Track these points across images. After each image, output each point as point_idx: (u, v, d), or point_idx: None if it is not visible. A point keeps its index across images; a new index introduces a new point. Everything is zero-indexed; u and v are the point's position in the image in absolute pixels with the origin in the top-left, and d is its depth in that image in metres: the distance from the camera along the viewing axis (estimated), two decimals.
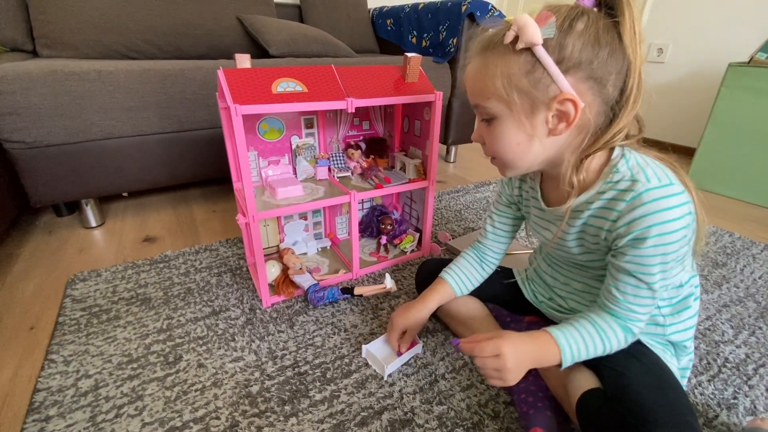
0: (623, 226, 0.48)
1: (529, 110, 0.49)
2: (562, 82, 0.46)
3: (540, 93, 0.47)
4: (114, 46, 1.39)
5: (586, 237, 0.55)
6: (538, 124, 0.49)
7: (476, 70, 0.52)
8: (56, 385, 0.66)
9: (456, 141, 1.77)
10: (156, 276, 0.96)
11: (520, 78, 0.47)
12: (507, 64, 0.48)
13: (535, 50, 0.46)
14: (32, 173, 1.03)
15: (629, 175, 0.49)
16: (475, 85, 0.52)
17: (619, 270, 0.51)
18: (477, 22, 1.50)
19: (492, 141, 0.54)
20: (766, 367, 0.73)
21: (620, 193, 0.49)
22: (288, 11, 1.88)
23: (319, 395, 0.66)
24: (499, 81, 0.48)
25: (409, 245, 1.05)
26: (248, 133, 0.89)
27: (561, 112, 0.48)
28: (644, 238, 0.47)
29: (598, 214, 0.52)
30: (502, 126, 0.51)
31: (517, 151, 0.52)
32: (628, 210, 0.48)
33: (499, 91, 0.49)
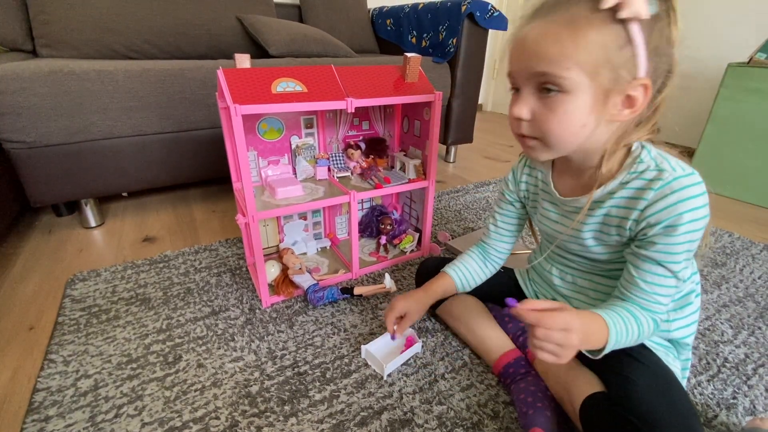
0: (654, 215, 0.48)
1: (609, 90, 0.45)
2: (644, 66, 0.44)
3: (625, 72, 0.44)
4: (114, 46, 1.39)
5: (605, 229, 0.54)
6: (609, 107, 0.46)
7: (555, 31, 0.44)
8: (56, 385, 0.66)
9: (456, 141, 1.77)
10: (155, 276, 0.96)
11: (614, 52, 0.43)
12: (601, 32, 0.43)
13: (631, 25, 0.42)
14: (32, 173, 1.03)
15: (654, 165, 0.49)
16: (550, 48, 0.45)
17: (645, 260, 0.50)
18: (477, 22, 1.50)
19: (550, 118, 0.48)
20: (766, 367, 0.73)
21: (648, 182, 0.48)
22: (288, 11, 1.88)
23: (318, 395, 0.66)
24: (589, 52, 0.43)
25: (408, 245, 1.05)
26: (248, 133, 0.89)
27: (631, 97, 0.46)
28: (676, 226, 0.46)
29: (622, 204, 0.51)
30: (573, 103, 0.46)
31: (578, 134, 0.48)
32: (658, 198, 0.47)
33: (587, 63, 0.44)
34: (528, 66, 0.47)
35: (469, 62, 1.61)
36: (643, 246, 0.50)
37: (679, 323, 0.58)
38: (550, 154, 0.52)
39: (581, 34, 0.43)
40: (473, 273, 0.73)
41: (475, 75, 1.67)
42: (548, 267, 0.68)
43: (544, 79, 0.46)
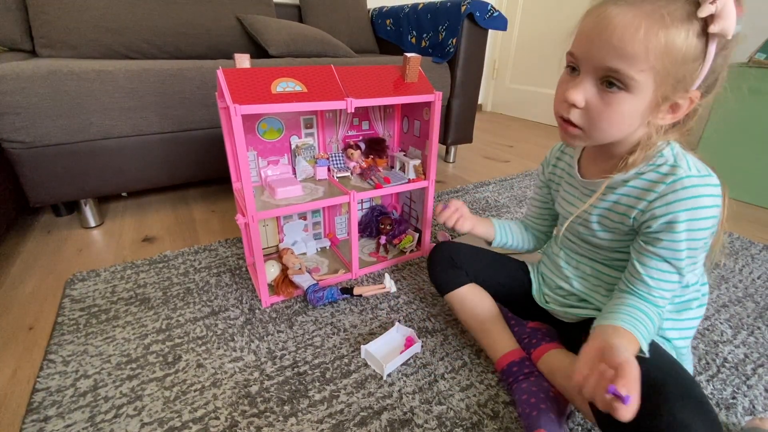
0: (659, 207, 0.49)
1: (667, 96, 0.45)
2: (701, 80, 0.44)
3: (686, 83, 0.45)
4: (113, 45, 1.39)
5: (611, 215, 0.56)
6: (659, 111, 0.47)
7: (646, 27, 0.42)
8: (55, 386, 0.66)
9: (455, 141, 1.77)
10: (155, 276, 0.96)
11: (689, 62, 0.43)
12: (687, 41, 0.42)
13: (712, 41, 0.42)
14: (31, 173, 1.03)
15: (672, 160, 0.50)
16: (633, 45, 0.42)
17: (651, 257, 0.51)
18: (477, 22, 1.50)
19: (603, 112, 0.47)
20: (765, 367, 0.73)
21: (661, 176, 0.50)
22: (287, 11, 1.88)
23: (318, 395, 0.66)
24: (671, 56, 0.42)
25: (408, 245, 1.05)
26: (247, 133, 0.89)
27: (677, 104, 0.47)
28: (677, 222, 0.48)
29: (633, 194, 0.52)
30: (632, 103, 0.46)
31: (623, 131, 0.49)
32: (667, 192, 0.48)
33: (661, 68, 0.43)
34: (604, 56, 0.45)
35: (469, 62, 1.61)
36: (649, 242, 0.51)
37: (672, 324, 0.58)
38: (588, 143, 0.53)
39: (670, 39, 0.42)
40: (513, 232, 0.78)
41: (475, 75, 1.67)
42: (557, 251, 0.70)
43: (613, 74, 0.45)
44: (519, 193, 1.50)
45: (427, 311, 0.86)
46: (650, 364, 0.50)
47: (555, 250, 0.71)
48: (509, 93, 2.99)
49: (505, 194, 1.48)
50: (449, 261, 0.78)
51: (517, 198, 1.45)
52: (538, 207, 0.77)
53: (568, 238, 0.68)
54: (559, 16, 2.49)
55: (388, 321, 0.83)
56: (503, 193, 1.49)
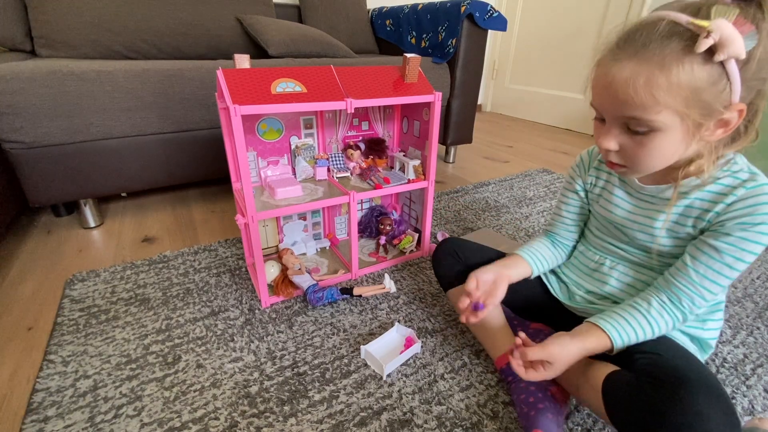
0: (740, 209, 0.49)
1: (702, 121, 0.46)
2: (738, 93, 0.44)
3: (718, 104, 0.44)
4: (113, 46, 1.39)
5: (682, 220, 0.55)
6: (701, 133, 0.47)
7: (645, 77, 0.44)
8: (55, 386, 0.66)
9: (455, 141, 1.77)
10: (155, 276, 0.96)
11: (706, 90, 0.43)
12: (694, 74, 0.43)
13: (728, 62, 0.42)
14: (31, 173, 1.03)
15: (747, 169, 0.51)
16: (636, 95, 0.45)
17: (708, 251, 0.51)
18: (476, 22, 1.51)
19: (640, 152, 0.49)
20: (764, 367, 0.73)
21: (741, 181, 0.50)
22: (287, 11, 1.88)
23: (318, 395, 0.66)
24: (681, 94, 0.44)
25: (408, 245, 1.05)
26: (247, 133, 0.89)
27: (726, 119, 0.46)
28: (754, 224, 0.48)
29: (708, 198, 0.52)
30: (665, 138, 0.47)
31: (668, 158, 0.50)
32: (749, 196, 0.49)
33: (678, 104, 0.44)
34: (617, 108, 0.48)
35: (469, 63, 1.61)
36: (714, 236, 0.51)
37: (712, 324, 0.60)
38: (640, 175, 0.55)
39: (674, 79, 0.43)
40: (546, 257, 0.72)
41: (475, 75, 1.67)
42: (596, 258, 0.67)
43: (634, 121, 0.47)
44: (519, 193, 1.50)
45: (427, 311, 0.86)
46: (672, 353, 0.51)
47: (592, 256, 0.68)
48: (509, 93, 2.99)
49: (505, 194, 1.48)
50: (454, 257, 0.78)
51: (517, 198, 1.45)
52: (571, 218, 0.72)
53: (614, 245, 0.65)
54: (558, 17, 2.49)
55: (388, 321, 0.83)
56: (503, 193, 1.49)
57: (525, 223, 1.26)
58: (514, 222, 1.27)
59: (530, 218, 1.30)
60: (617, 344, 0.53)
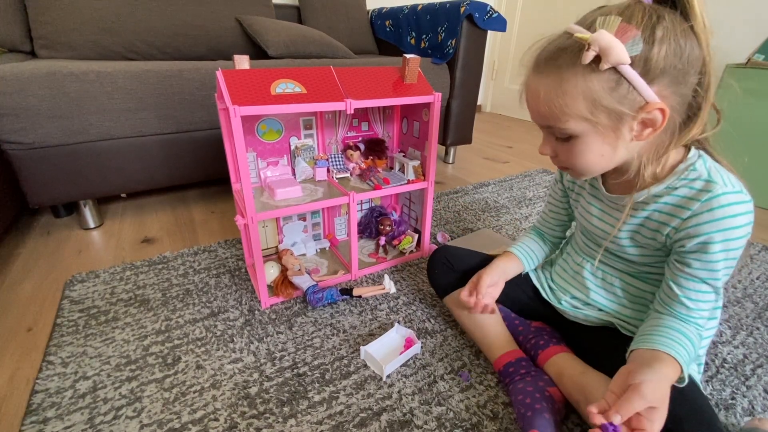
0: (694, 227, 0.49)
1: (615, 124, 0.47)
2: (648, 94, 0.45)
3: (626, 107, 0.45)
4: (112, 47, 1.39)
5: (643, 231, 0.56)
6: (623, 134, 0.48)
7: (546, 90, 0.48)
8: (54, 387, 0.66)
9: (455, 142, 1.77)
10: (154, 277, 0.95)
11: (605, 97, 0.45)
12: (588, 84, 0.45)
13: (620, 68, 0.43)
14: (30, 174, 1.03)
15: (706, 175, 0.49)
16: (545, 107, 0.48)
17: (689, 278, 0.51)
18: (476, 23, 1.51)
19: (570, 156, 0.52)
20: (764, 367, 0.73)
21: (696, 192, 0.49)
22: (287, 12, 1.88)
23: (317, 396, 0.66)
24: (581, 103, 0.46)
25: (408, 246, 1.05)
26: (247, 134, 0.89)
27: (647, 120, 0.46)
28: (712, 243, 0.48)
29: (665, 210, 0.52)
30: (584, 143, 0.49)
31: (602, 162, 0.51)
32: (703, 210, 0.48)
33: (582, 112, 0.46)
34: (537, 119, 0.52)
35: (468, 63, 1.61)
36: (685, 263, 0.51)
37: (706, 333, 0.59)
38: (589, 175, 0.55)
39: (569, 90, 0.46)
40: (536, 251, 0.76)
41: (474, 76, 1.67)
42: (579, 260, 0.69)
43: (552, 130, 0.51)
44: (518, 193, 1.50)
45: (427, 312, 0.86)
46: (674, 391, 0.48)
47: (576, 259, 0.70)
48: (508, 94, 2.99)
49: (505, 195, 1.48)
50: (447, 265, 0.79)
51: (517, 199, 1.45)
52: (556, 213, 0.75)
53: (593, 249, 0.66)
54: (558, 17, 2.49)
55: (388, 322, 0.83)
56: (502, 193, 1.49)
57: (525, 224, 1.26)
58: (514, 222, 1.27)
59: (530, 219, 1.30)
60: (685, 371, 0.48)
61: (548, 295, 0.73)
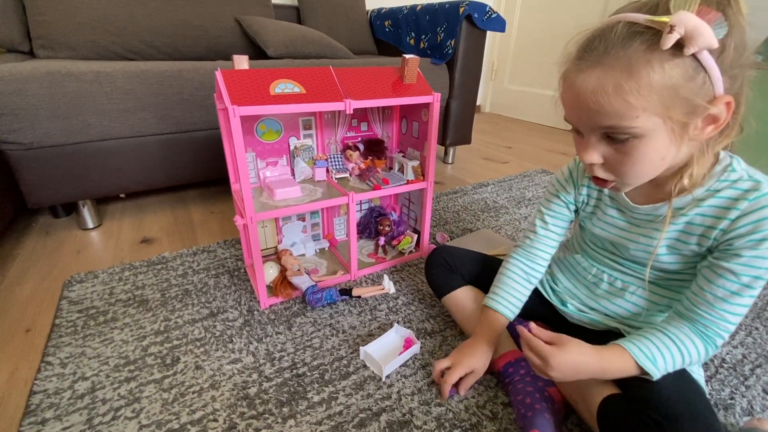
0: (746, 225, 0.46)
1: (687, 119, 0.43)
2: (720, 86, 0.42)
3: (700, 99, 0.42)
4: (111, 47, 1.39)
5: (684, 237, 0.52)
6: (689, 132, 0.44)
7: (611, 83, 0.42)
8: (53, 388, 0.66)
9: (454, 142, 1.77)
10: (153, 277, 0.95)
11: (684, 86, 0.41)
12: (668, 72, 0.41)
13: (700, 54, 0.40)
14: (29, 174, 1.03)
15: (747, 175, 0.48)
16: (608, 103, 0.43)
17: (723, 273, 0.48)
18: (475, 23, 1.51)
19: (626, 162, 0.47)
20: (763, 367, 0.73)
21: (743, 192, 0.47)
22: (286, 12, 1.88)
23: (317, 397, 0.65)
24: (656, 95, 0.41)
25: (407, 246, 1.05)
26: (246, 134, 0.89)
27: (714, 114, 0.43)
28: (765, 240, 0.46)
29: (711, 213, 0.49)
30: (648, 144, 0.44)
31: (660, 166, 0.47)
32: (754, 209, 0.46)
33: (656, 106, 0.42)
34: (592, 120, 0.46)
35: (467, 63, 1.61)
36: (725, 257, 0.48)
37: None
38: (635, 186, 0.51)
39: (644, 81, 0.41)
40: (520, 298, 0.69)
41: (473, 76, 1.67)
42: (595, 271, 0.65)
43: (613, 130, 0.45)
44: (517, 194, 1.50)
45: (426, 312, 0.86)
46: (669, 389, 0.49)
47: (587, 266, 0.66)
48: (508, 94, 2.99)
49: (504, 195, 1.48)
50: (445, 265, 0.78)
51: (516, 199, 1.45)
52: (555, 230, 0.69)
53: (612, 260, 0.63)
54: (557, 18, 2.50)
55: (387, 322, 0.83)
56: (502, 194, 1.50)
57: (524, 224, 1.26)
58: (513, 223, 1.27)
59: (529, 219, 1.29)
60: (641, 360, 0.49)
61: (550, 297, 0.72)
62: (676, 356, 0.49)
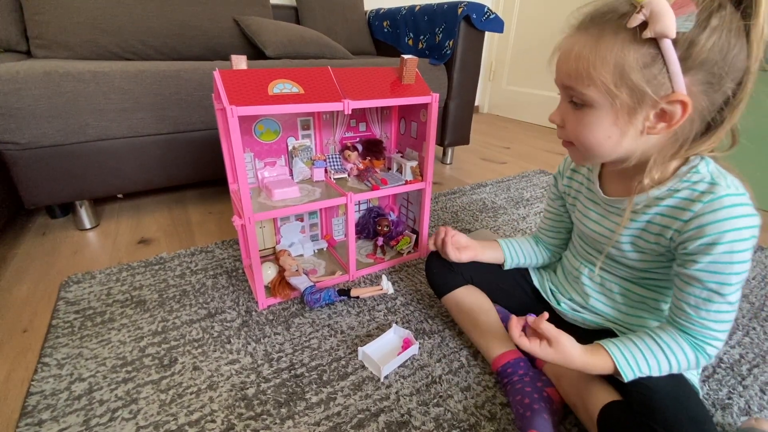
0: (696, 228, 0.46)
1: (633, 107, 0.45)
2: (678, 81, 0.42)
3: (651, 90, 0.43)
4: (109, 46, 1.39)
5: (644, 235, 0.54)
6: (636, 121, 0.46)
7: (580, 47, 0.45)
8: (49, 389, 0.66)
9: (452, 143, 1.77)
10: (151, 278, 0.95)
11: (635, 71, 0.42)
12: (624, 52, 0.42)
13: (662, 42, 0.41)
14: (26, 174, 1.03)
15: (709, 178, 0.47)
16: (574, 64, 0.46)
17: (689, 281, 0.48)
18: (473, 24, 1.51)
19: (577, 127, 0.50)
20: (760, 367, 0.73)
21: (699, 194, 0.47)
22: (284, 13, 1.88)
23: (315, 397, 0.65)
24: (608, 69, 0.43)
25: (405, 247, 1.05)
26: (244, 134, 0.89)
27: (665, 112, 0.44)
28: (717, 244, 0.45)
29: (668, 213, 0.50)
30: (596, 116, 0.47)
31: (605, 145, 0.49)
32: (706, 211, 0.46)
33: (606, 82, 0.44)
34: (560, 78, 0.50)
35: (466, 64, 1.61)
36: (686, 264, 0.48)
37: None
38: (590, 161, 0.54)
39: (601, 54, 0.44)
40: (524, 249, 0.76)
41: (472, 77, 1.68)
42: (577, 265, 0.68)
43: (571, 92, 0.49)
44: (516, 194, 1.50)
45: (425, 313, 0.86)
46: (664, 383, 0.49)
47: (575, 264, 0.69)
48: (506, 95, 3.00)
49: (502, 195, 1.48)
50: (446, 264, 0.78)
51: (514, 199, 1.45)
52: (552, 220, 0.75)
53: (592, 255, 0.65)
54: (555, 18, 2.50)
55: (386, 323, 0.83)
56: (500, 194, 1.50)
57: (522, 224, 1.26)
58: (512, 223, 1.27)
59: (527, 219, 1.30)
60: (621, 366, 0.50)
61: (548, 296, 0.73)
62: (662, 362, 0.50)
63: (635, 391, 0.51)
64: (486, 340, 0.71)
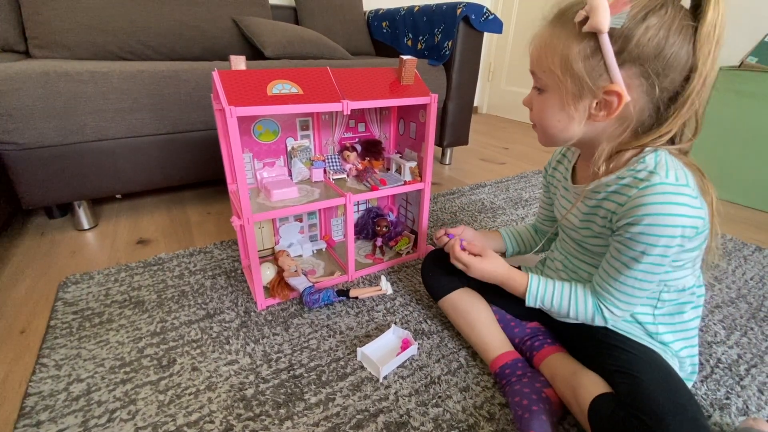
0: (626, 210, 0.50)
1: (577, 94, 0.50)
2: (614, 74, 0.47)
3: (591, 80, 0.48)
4: (108, 47, 1.38)
5: (595, 219, 0.58)
6: (580, 108, 0.51)
7: (541, 39, 0.53)
8: (48, 390, 0.66)
9: (451, 143, 1.77)
10: (149, 279, 0.95)
11: (577, 62, 0.48)
12: (568, 44, 0.48)
13: (600, 36, 0.46)
14: (24, 175, 1.02)
15: (652, 167, 0.50)
16: (536, 53, 0.54)
17: (610, 252, 0.55)
18: (472, 25, 1.51)
19: (537, 109, 0.57)
20: (758, 367, 0.74)
21: (636, 181, 0.51)
22: (283, 13, 1.88)
23: (314, 398, 0.65)
24: (557, 59, 0.50)
25: (404, 247, 1.05)
26: (243, 134, 0.89)
27: (605, 101, 0.49)
28: (636, 224, 0.49)
29: (611, 198, 0.54)
30: (549, 100, 0.54)
31: (557, 127, 0.55)
32: (636, 197, 0.49)
33: (555, 68, 0.50)
34: (531, 65, 0.56)
35: (465, 65, 1.62)
36: (614, 237, 0.54)
37: (666, 328, 0.60)
38: (549, 142, 0.59)
39: (554, 43, 0.50)
40: (524, 237, 0.82)
41: (471, 77, 1.68)
42: (557, 254, 0.72)
43: (534, 76, 0.56)
44: (515, 194, 1.50)
45: (424, 313, 0.86)
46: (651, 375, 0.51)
47: (556, 255, 0.72)
48: (505, 95, 3.00)
49: (501, 196, 1.48)
50: (442, 267, 0.78)
51: (513, 200, 1.45)
52: (545, 209, 0.80)
53: (566, 242, 0.69)
54: None
55: (384, 323, 0.83)
56: (499, 194, 1.50)
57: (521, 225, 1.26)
58: (510, 223, 1.27)
59: (526, 220, 1.30)
60: (530, 289, 0.61)
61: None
62: (564, 304, 0.60)
63: (622, 382, 0.52)
64: (484, 342, 0.71)
